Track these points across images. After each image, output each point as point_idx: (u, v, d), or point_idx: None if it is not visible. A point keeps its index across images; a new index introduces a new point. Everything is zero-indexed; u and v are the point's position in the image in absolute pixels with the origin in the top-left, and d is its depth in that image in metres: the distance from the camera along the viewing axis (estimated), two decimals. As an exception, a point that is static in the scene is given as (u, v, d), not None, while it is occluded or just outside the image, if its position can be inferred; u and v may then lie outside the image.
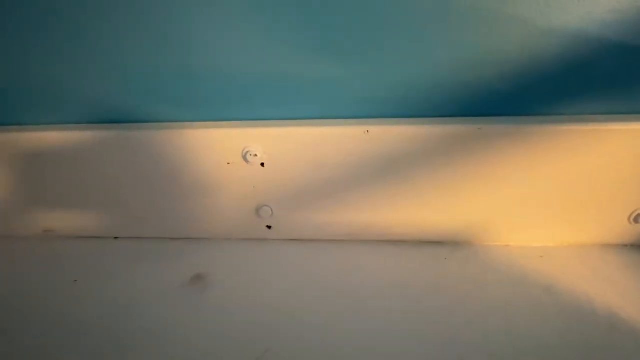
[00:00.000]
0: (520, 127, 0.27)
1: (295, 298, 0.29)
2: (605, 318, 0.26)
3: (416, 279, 0.29)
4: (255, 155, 0.29)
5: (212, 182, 0.31)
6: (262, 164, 0.30)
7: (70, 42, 0.27)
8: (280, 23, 0.26)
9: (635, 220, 0.29)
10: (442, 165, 0.29)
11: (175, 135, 0.29)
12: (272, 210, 0.32)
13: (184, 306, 0.28)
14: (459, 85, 0.27)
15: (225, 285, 0.30)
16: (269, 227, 0.33)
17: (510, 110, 0.28)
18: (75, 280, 0.31)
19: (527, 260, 0.30)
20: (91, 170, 0.32)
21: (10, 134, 0.31)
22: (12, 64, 0.29)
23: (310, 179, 0.30)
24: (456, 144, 0.28)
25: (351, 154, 0.29)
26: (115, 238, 0.35)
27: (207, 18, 0.26)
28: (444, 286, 0.29)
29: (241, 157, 0.30)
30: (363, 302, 0.28)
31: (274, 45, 0.26)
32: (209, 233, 0.34)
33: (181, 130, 0.29)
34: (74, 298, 0.30)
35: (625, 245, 0.31)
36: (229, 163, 0.30)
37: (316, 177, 0.30)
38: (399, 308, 0.27)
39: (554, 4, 0.24)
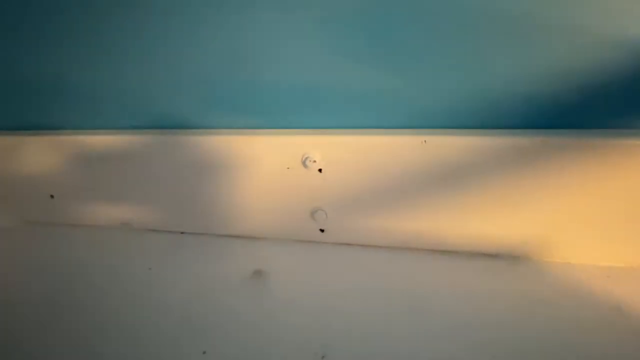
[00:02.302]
0: (586, 140, 0.26)
1: (348, 301, 0.29)
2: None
3: (473, 292, 0.29)
4: (314, 161, 0.31)
5: (271, 185, 0.33)
6: (320, 170, 0.31)
7: (148, 54, 0.31)
8: (343, 36, 0.27)
9: None
10: (502, 177, 0.28)
11: (240, 141, 0.32)
12: (326, 214, 0.33)
13: (248, 298, 0.30)
14: (521, 96, 0.27)
15: (282, 282, 0.32)
16: (322, 231, 0.34)
17: (575, 123, 0.27)
18: (150, 268, 0.34)
19: (593, 279, 0.28)
20: (163, 171, 0.35)
21: (101, 136, 0.35)
22: (107, 72, 0.33)
23: (366, 186, 0.31)
24: (518, 156, 0.27)
25: (408, 163, 0.29)
26: (182, 233, 0.38)
27: (274, 31, 0.28)
28: (504, 301, 0.28)
29: (300, 163, 0.31)
30: (414, 310, 0.28)
31: (336, 57, 0.28)
32: (265, 233, 0.36)
33: (246, 137, 0.32)
34: (149, 284, 0.33)
35: None
36: (288, 168, 0.32)
37: (372, 184, 0.31)
38: (457, 319, 0.27)
39: (622, 14, 0.23)
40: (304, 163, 0.31)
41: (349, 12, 0.26)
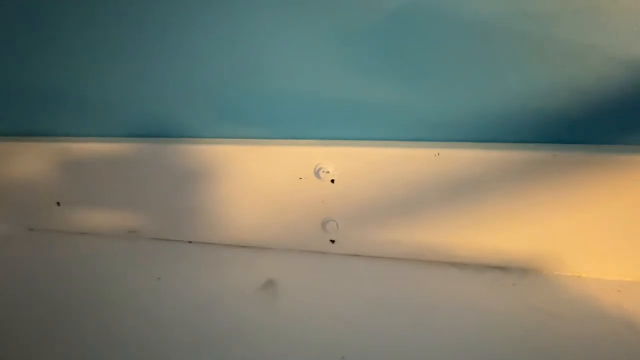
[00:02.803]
0: (596, 156, 0.26)
1: (359, 312, 0.29)
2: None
3: (482, 305, 0.29)
4: (328, 172, 0.31)
5: (283, 196, 0.33)
6: (333, 181, 0.31)
7: (155, 65, 0.31)
8: (357, 48, 0.27)
9: None
10: (513, 191, 0.29)
11: (253, 151, 0.32)
12: (337, 225, 0.33)
13: (259, 309, 0.30)
14: (533, 111, 0.27)
15: (293, 293, 0.31)
16: (333, 242, 0.34)
17: (586, 139, 0.27)
18: (159, 278, 0.34)
19: (604, 293, 0.29)
20: (172, 179, 0.35)
21: (110, 144, 0.35)
22: (123, 80, 0.33)
23: (378, 198, 0.31)
24: (529, 170, 0.28)
25: (421, 175, 0.29)
26: (190, 242, 0.38)
27: (288, 42, 0.28)
28: (513, 314, 0.28)
29: (313, 174, 0.31)
30: (424, 322, 0.28)
31: (350, 69, 0.28)
32: (275, 243, 0.36)
33: (259, 147, 0.32)
34: (158, 294, 0.33)
35: None
36: (301, 178, 0.32)
37: (384, 196, 0.31)
38: (467, 331, 0.27)
39: (631, 34, 0.24)
40: (317, 174, 0.31)
41: (364, 25, 0.27)
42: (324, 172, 0.31)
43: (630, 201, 0.27)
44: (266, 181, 0.33)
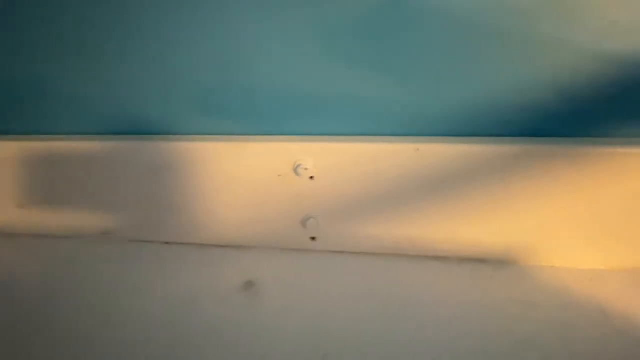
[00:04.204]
0: (571, 149, 0.27)
1: (341, 308, 0.29)
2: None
3: (462, 296, 0.29)
4: (306, 168, 0.30)
5: (262, 193, 0.32)
6: (312, 177, 0.31)
7: (134, 57, 0.30)
8: (336, 43, 0.27)
9: (691, 247, 0.28)
10: (491, 184, 0.29)
11: (230, 147, 0.31)
12: (317, 222, 0.33)
13: (238, 309, 0.30)
14: (510, 105, 0.28)
15: (274, 292, 0.31)
16: (313, 239, 0.34)
17: (562, 132, 0.28)
18: (134, 281, 0.33)
19: (576, 282, 0.30)
20: (146, 178, 0.34)
21: (79, 142, 0.33)
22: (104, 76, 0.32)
23: (358, 194, 0.31)
24: (506, 163, 0.28)
25: (400, 170, 0.29)
26: (166, 243, 0.37)
27: (266, 36, 0.27)
28: (493, 305, 0.29)
29: (292, 170, 0.31)
30: (406, 316, 0.28)
31: (330, 64, 0.28)
32: (254, 241, 0.35)
33: (236, 143, 0.31)
34: (133, 297, 0.31)
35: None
36: (279, 175, 0.31)
37: (364, 191, 0.31)
38: (447, 322, 0.28)
39: (609, 31, 0.24)
40: (295, 170, 0.31)
41: (343, 19, 0.26)
42: (302, 168, 0.30)
43: (601, 193, 0.28)
44: (244, 178, 0.32)
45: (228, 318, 0.29)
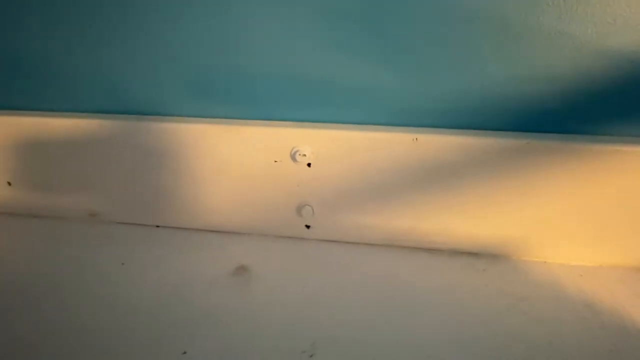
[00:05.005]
0: (568, 145, 0.27)
1: (333, 298, 0.29)
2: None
3: (453, 289, 0.30)
4: (304, 155, 0.30)
5: (257, 179, 0.32)
6: (309, 164, 0.31)
7: (128, 36, 0.29)
8: (337, 30, 0.27)
9: (680, 246, 0.29)
10: (487, 177, 0.29)
11: (227, 130, 0.31)
12: (313, 210, 0.33)
13: (230, 295, 0.29)
14: (509, 99, 0.28)
15: (266, 279, 0.31)
16: (308, 227, 0.34)
17: (559, 128, 0.28)
18: (123, 264, 0.32)
19: (567, 278, 0.30)
20: (137, 159, 0.33)
21: (69, 119, 0.32)
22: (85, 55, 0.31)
23: (355, 182, 0.31)
24: (502, 157, 0.28)
25: (398, 160, 0.29)
26: (157, 226, 0.36)
27: (266, 20, 0.27)
28: (484, 298, 0.29)
29: (289, 156, 0.30)
30: (398, 307, 0.28)
31: (330, 50, 0.27)
32: (248, 228, 0.35)
33: (232, 126, 0.30)
34: (122, 281, 0.31)
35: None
36: (276, 161, 0.31)
37: (361, 180, 0.31)
38: (438, 315, 0.28)
39: (609, 27, 0.24)
40: (293, 157, 0.30)
41: (344, 5, 0.26)
42: (300, 154, 0.30)
43: (593, 190, 0.28)
44: (239, 163, 0.32)
45: (219, 304, 0.29)
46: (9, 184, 0.36)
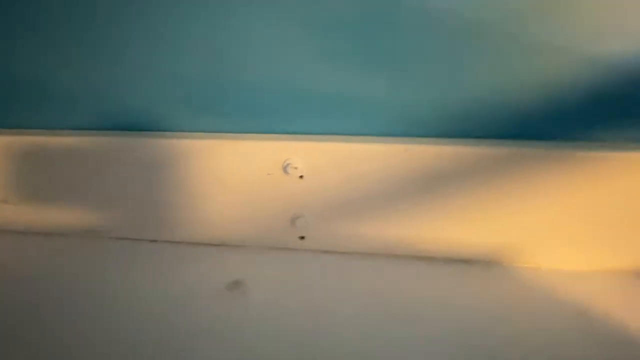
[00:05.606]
0: (558, 152, 0.28)
1: (329, 308, 0.29)
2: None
3: (448, 296, 0.30)
4: (296, 167, 0.30)
5: (251, 192, 0.32)
6: (301, 176, 0.31)
7: (122, 51, 0.29)
8: (327, 42, 0.27)
9: (671, 249, 0.29)
10: (478, 185, 0.29)
11: (219, 145, 0.31)
12: (307, 222, 0.33)
13: (226, 308, 0.29)
14: (498, 108, 0.28)
15: (261, 291, 0.31)
16: (302, 238, 0.34)
17: (548, 135, 0.28)
18: (120, 279, 0.32)
19: (560, 283, 0.30)
20: (133, 175, 0.33)
21: (65, 137, 0.33)
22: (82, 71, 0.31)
23: (347, 193, 0.31)
24: (494, 164, 0.28)
25: (389, 171, 0.30)
26: (153, 241, 0.37)
27: (257, 32, 0.27)
28: (477, 305, 0.29)
29: (281, 169, 0.31)
30: (393, 316, 0.29)
31: (321, 62, 0.28)
32: (243, 240, 0.35)
33: (224, 141, 0.31)
34: (118, 296, 0.31)
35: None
36: (269, 174, 0.31)
37: (353, 191, 0.31)
38: (433, 322, 0.28)
39: (594, 34, 0.25)
40: (285, 169, 0.31)
41: (335, 17, 0.26)
42: (292, 167, 0.30)
43: (585, 196, 0.28)
44: (232, 177, 0.32)
45: (215, 317, 0.29)
46: (6, 201, 0.37)
